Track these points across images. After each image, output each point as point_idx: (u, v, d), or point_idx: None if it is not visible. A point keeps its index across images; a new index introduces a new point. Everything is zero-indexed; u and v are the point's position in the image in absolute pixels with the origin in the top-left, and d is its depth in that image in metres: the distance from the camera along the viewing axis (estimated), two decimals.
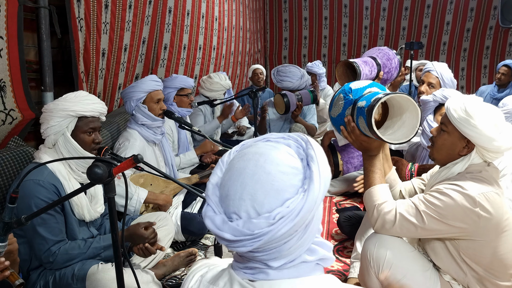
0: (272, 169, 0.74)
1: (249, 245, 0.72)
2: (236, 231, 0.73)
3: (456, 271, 1.51)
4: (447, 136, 1.51)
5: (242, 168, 0.76)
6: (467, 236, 1.44)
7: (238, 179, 0.75)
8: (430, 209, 1.43)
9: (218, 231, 0.74)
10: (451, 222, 1.41)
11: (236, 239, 0.73)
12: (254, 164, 0.76)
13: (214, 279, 0.84)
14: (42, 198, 1.60)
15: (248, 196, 0.73)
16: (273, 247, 0.74)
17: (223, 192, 0.77)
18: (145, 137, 2.51)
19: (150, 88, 2.49)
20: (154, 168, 1.65)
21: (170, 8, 3.80)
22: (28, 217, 1.19)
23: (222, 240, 0.75)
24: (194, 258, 2.25)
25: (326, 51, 7.82)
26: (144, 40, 3.51)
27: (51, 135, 1.69)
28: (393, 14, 7.41)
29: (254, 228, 0.72)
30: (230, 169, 0.79)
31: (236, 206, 0.74)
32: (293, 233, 0.73)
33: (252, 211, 0.73)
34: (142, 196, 2.27)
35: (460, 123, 1.43)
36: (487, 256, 1.45)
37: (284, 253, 0.75)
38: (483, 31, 7.11)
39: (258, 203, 0.73)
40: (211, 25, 4.74)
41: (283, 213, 0.71)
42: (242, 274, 0.80)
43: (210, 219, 0.76)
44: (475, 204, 1.38)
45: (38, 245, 1.63)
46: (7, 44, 1.99)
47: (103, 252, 1.73)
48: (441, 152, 1.55)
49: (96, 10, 2.70)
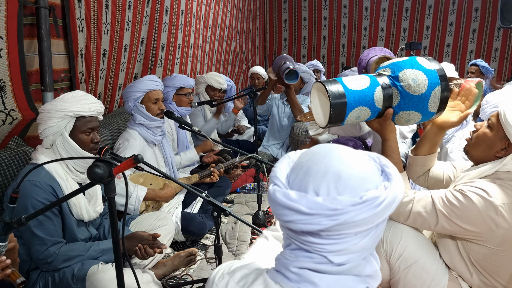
0: (358, 159, 0.76)
1: (324, 223, 0.70)
2: (314, 204, 0.71)
3: (463, 270, 1.51)
4: (490, 133, 1.48)
5: (326, 153, 0.76)
6: (480, 241, 1.43)
7: (322, 160, 0.75)
8: (447, 208, 1.41)
9: (292, 203, 0.72)
10: (465, 226, 1.39)
11: (312, 213, 0.70)
12: (340, 152, 0.76)
13: (245, 283, 0.81)
14: (38, 199, 1.60)
15: (332, 176, 0.73)
16: (344, 235, 0.72)
17: (300, 171, 0.76)
18: (145, 138, 2.51)
19: (148, 87, 2.49)
20: (154, 168, 1.65)
21: (166, 8, 3.81)
22: (28, 217, 1.19)
23: (294, 213, 0.72)
24: (194, 258, 2.25)
25: (325, 52, 7.83)
26: (143, 40, 3.51)
27: (49, 135, 1.69)
28: (393, 15, 7.37)
29: (336, 204, 0.70)
30: (309, 154, 0.78)
31: (317, 182, 0.73)
32: (369, 224, 0.72)
33: (334, 190, 0.72)
34: (142, 194, 2.27)
35: (509, 124, 1.40)
36: (496, 264, 1.44)
37: (351, 248, 0.74)
38: (491, 32, 6.92)
39: (341, 183, 0.72)
40: (198, 24, 4.75)
41: (368, 197, 0.71)
42: (286, 281, 0.77)
43: (282, 192, 0.74)
44: (497, 213, 1.35)
45: (36, 247, 1.62)
46: (6, 44, 1.99)
47: (102, 256, 1.73)
48: (478, 148, 1.52)
49: (96, 10, 2.70)
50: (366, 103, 1.45)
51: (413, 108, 1.47)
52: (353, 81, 1.46)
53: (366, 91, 1.45)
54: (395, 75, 1.47)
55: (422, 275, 1.51)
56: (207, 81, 3.62)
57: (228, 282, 0.82)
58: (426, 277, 1.51)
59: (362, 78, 1.48)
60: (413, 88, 1.44)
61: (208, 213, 2.59)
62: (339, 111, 1.42)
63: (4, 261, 1.17)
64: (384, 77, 1.49)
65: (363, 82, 1.46)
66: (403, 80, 1.45)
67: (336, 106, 1.41)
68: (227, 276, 0.84)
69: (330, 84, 1.43)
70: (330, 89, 1.41)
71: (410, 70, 1.45)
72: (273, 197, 0.75)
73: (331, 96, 1.40)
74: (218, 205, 1.57)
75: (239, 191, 3.42)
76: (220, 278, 0.84)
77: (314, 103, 1.57)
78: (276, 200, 0.74)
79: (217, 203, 1.57)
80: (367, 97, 1.45)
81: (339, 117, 1.44)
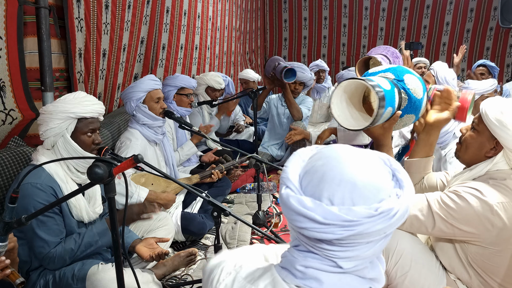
0: (372, 166, 0.74)
1: (339, 233, 0.69)
2: (330, 215, 0.70)
3: (462, 272, 1.51)
4: (477, 135, 1.48)
5: (340, 158, 0.75)
6: (477, 242, 1.43)
7: (337, 166, 0.73)
8: (443, 210, 1.40)
9: (307, 211, 0.71)
10: (462, 227, 1.39)
11: (327, 222, 0.69)
12: (353, 156, 0.75)
13: (252, 278, 0.80)
14: (40, 201, 1.59)
15: (347, 184, 0.71)
16: (356, 244, 0.72)
17: (315, 177, 0.74)
18: (146, 137, 2.51)
19: (149, 87, 2.49)
20: (154, 168, 1.65)
21: (167, 8, 3.81)
22: (28, 217, 1.19)
23: (309, 221, 0.71)
24: (194, 258, 2.25)
25: (325, 51, 7.84)
26: (143, 40, 3.51)
27: (50, 137, 1.68)
28: (393, 14, 7.42)
29: (353, 216, 0.69)
30: (322, 158, 0.76)
31: (332, 190, 0.72)
32: (381, 234, 0.72)
33: (348, 199, 0.71)
34: (143, 196, 2.27)
35: (492, 123, 1.40)
36: (495, 264, 1.44)
37: (361, 255, 0.73)
38: (483, 32, 7.10)
39: (356, 193, 0.71)
40: (206, 25, 4.75)
41: (384, 209, 0.70)
42: (291, 277, 0.77)
43: (297, 199, 0.72)
44: (492, 213, 1.35)
45: (39, 248, 1.62)
46: (6, 44, 1.99)
47: (99, 239, 1.70)
48: (468, 151, 1.52)
49: (96, 10, 2.70)
50: (392, 104, 1.41)
51: (413, 111, 1.48)
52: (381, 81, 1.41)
53: (391, 92, 1.41)
54: (400, 79, 1.46)
55: (419, 281, 1.51)
56: (208, 82, 3.61)
57: (235, 278, 0.82)
58: (424, 283, 1.51)
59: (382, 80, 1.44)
60: (417, 92, 1.44)
61: (208, 213, 2.59)
62: (380, 112, 1.35)
63: (3, 261, 1.17)
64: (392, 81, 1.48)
65: (386, 83, 1.42)
66: (409, 83, 1.45)
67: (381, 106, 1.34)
68: (234, 272, 0.83)
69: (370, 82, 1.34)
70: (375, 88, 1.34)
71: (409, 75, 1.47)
72: (287, 202, 0.74)
73: (379, 95, 1.32)
74: (218, 205, 1.57)
75: (239, 191, 3.42)
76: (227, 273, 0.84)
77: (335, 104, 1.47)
78: (290, 206, 0.73)
79: (217, 203, 1.57)
80: (393, 98, 1.41)
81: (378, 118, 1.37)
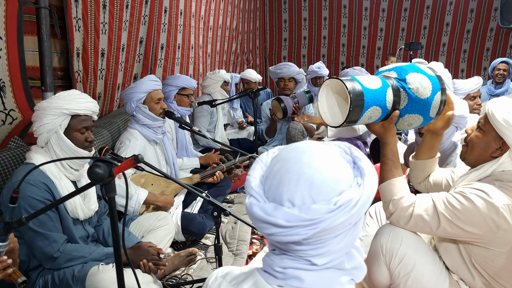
0: (328, 160, 0.76)
1: (304, 233, 0.71)
2: (291, 217, 0.71)
3: (465, 273, 1.51)
4: (483, 135, 1.48)
5: (296, 158, 0.76)
6: (481, 243, 1.42)
7: (293, 168, 0.75)
8: (448, 211, 1.40)
9: (269, 217, 0.72)
10: (467, 228, 1.39)
11: (290, 225, 0.71)
12: (309, 154, 0.76)
13: (236, 282, 0.82)
14: (35, 197, 1.60)
15: (305, 183, 0.73)
16: (324, 239, 0.73)
17: (274, 181, 0.76)
18: (146, 137, 2.51)
19: (150, 88, 2.49)
20: (154, 168, 1.65)
21: (165, 8, 3.81)
22: (28, 217, 1.19)
23: (273, 226, 0.73)
24: (194, 258, 2.25)
25: (325, 52, 7.84)
26: (142, 40, 3.51)
27: (43, 133, 1.68)
28: (392, 15, 7.42)
29: (313, 214, 0.70)
30: (280, 161, 0.78)
31: (291, 192, 0.73)
32: (347, 225, 0.73)
33: (308, 198, 0.72)
34: (142, 197, 2.27)
35: (499, 122, 1.40)
36: (498, 265, 1.43)
37: (332, 249, 0.74)
38: (484, 33, 7.10)
39: (315, 190, 0.72)
40: (198, 24, 4.75)
41: (343, 201, 0.71)
42: (272, 279, 0.78)
43: (259, 206, 0.74)
44: (498, 215, 1.34)
45: (40, 246, 1.62)
46: (6, 45, 1.99)
47: (105, 259, 1.73)
48: (473, 152, 1.52)
49: (94, 10, 2.70)
50: (380, 103, 1.43)
51: (417, 111, 1.47)
52: (367, 80, 1.43)
53: (380, 91, 1.42)
54: (402, 78, 1.46)
55: (422, 281, 1.50)
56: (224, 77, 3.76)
57: (220, 283, 0.85)
58: (427, 283, 1.51)
59: (374, 78, 1.46)
60: (421, 92, 1.44)
61: (208, 213, 2.59)
62: (356, 110, 1.38)
63: (5, 260, 1.17)
64: (391, 80, 1.48)
65: (376, 82, 1.44)
66: (410, 83, 1.44)
67: (355, 105, 1.37)
68: (220, 279, 0.86)
69: (348, 81, 1.39)
70: (350, 86, 1.37)
71: (415, 74, 1.46)
72: (251, 211, 0.76)
73: (352, 93, 1.35)
74: (218, 205, 1.57)
75: (239, 191, 3.42)
76: (213, 280, 0.87)
77: (322, 102, 1.52)
78: (254, 215, 0.75)
79: (217, 203, 1.57)
80: (380, 97, 1.42)
81: (355, 116, 1.40)
